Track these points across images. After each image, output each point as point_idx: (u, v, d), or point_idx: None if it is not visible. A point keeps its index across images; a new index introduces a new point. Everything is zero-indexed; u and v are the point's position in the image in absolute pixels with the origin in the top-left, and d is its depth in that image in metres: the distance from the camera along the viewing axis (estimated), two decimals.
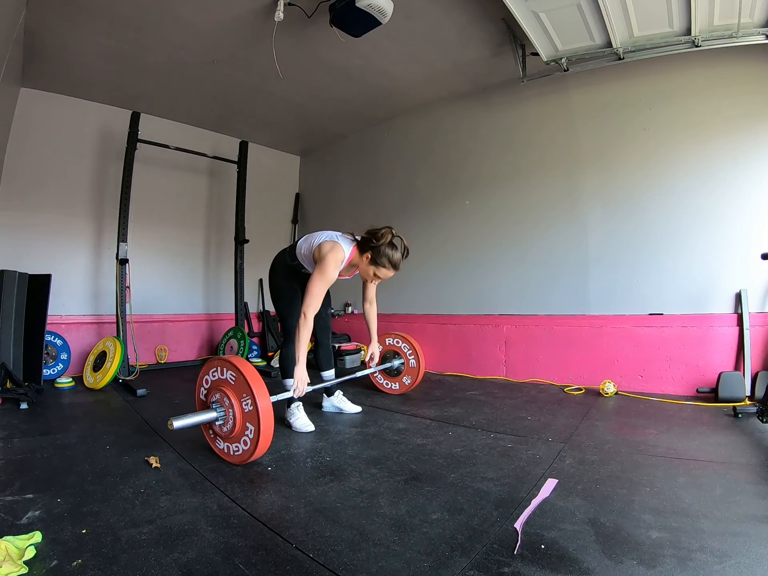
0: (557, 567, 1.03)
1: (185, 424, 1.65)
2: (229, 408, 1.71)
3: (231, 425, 1.70)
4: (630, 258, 3.07)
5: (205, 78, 3.54)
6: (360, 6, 2.41)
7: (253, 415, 1.64)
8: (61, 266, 3.64)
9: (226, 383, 1.74)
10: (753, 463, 1.67)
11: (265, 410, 1.63)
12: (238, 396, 1.69)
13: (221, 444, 1.79)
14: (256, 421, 1.62)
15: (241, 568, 1.05)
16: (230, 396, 1.70)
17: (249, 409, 1.66)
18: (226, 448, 1.77)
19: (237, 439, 1.70)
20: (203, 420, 1.72)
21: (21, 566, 1.02)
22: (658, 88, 3.00)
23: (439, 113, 4.09)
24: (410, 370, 2.88)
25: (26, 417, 2.43)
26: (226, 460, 1.77)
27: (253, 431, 1.64)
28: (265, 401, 1.65)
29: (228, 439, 1.74)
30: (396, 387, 2.94)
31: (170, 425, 1.61)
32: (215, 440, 1.83)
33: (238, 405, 1.69)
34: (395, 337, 2.97)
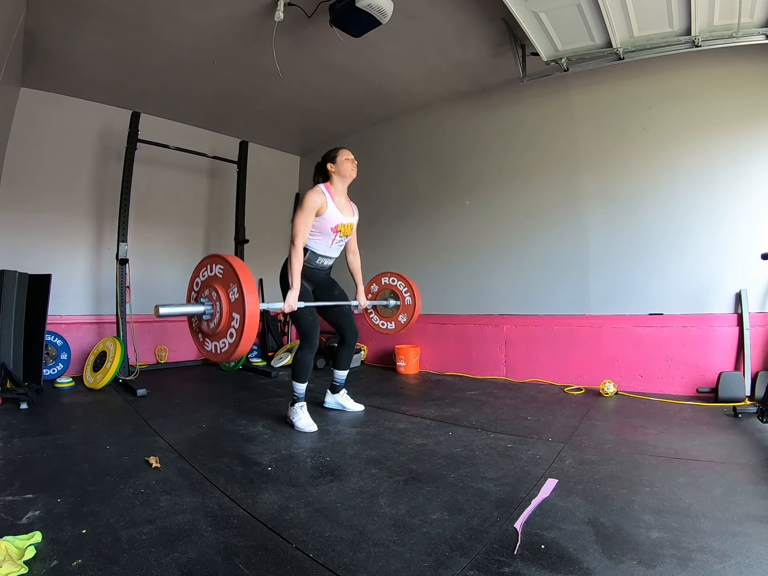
0: (557, 567, 1.03)
1: (171, 312, 1.66)
2: (216, 301, 1.70)
3: (218, 319, 1.69)
4: (630, 258, 3.07)
5: (205, 78, 3.54)
6: (360, 6, 2.41)
7: (238, 303, 1.63)
8: (61, 266, 3.64)
9: (215, 278, 1.75)
10: (753, 463, 1.67)
11: (250, 296, 1.62)
12: (225, 287, 1.69)
13: (209, 345, 1.78)
14: (241, 309, 1.61)
15: (241, 568, 1.05)
16: (218, 289, 1.71)
17: (235, 298, 1.65)
18: (213, 348, 1.76)
19: (223, 333, 1.70)
20: (190, 311, 1.73)
21: (21, 566, 1.02)
22: (658, 88, 3.00)
23: (439, 113, 4.09)
24: (406, 307, 2.83)
25: (26, 417, 2.43)
26: (214, 361, 1.77)
27: (239, 320, 1.63)
28: (252, 291, 1.64)
29: (215, 336, 1.74)
30: (392, 326, 2.88)
31: (156, 311, 1.61)
32: (203, 343, 1.82)
33: (225, 296, 1.68)
34: (390, 276, 2.92)
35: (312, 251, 2.31)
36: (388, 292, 2.91)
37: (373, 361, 4.38)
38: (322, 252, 2.34)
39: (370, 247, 4.54)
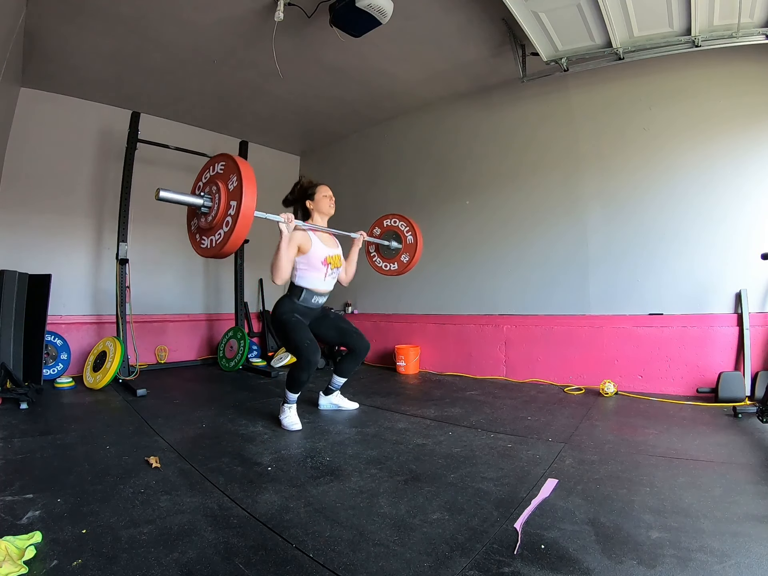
0: (557, 567, 1.03)
1: (171, 197, 1.69)
2: (215, 194, 1.74)
3: (215, 211, 1.72)
4: (630, 258, 3.07)
5: (205, 78, 3.54)
6: (360, 6, 2.41)
7: (236, 191, 1.66)
8: (61, 266, 3.64)
9: (216, 175, 1.79)
10: (753, 463, 1.67)
11: (249, 183, 1.64)
12: (225, 180, 1.73)
13: (205, 241, 1.81)
14: (239, 195, 1.64)
15: (241, 568, 1.05)
16: (218, 183, 1.74)
17: (234, 186, 1.68)
18: (209, 243, 1.78)
19: (219, 224, 1.72)
20: (190, 201, 1.77)
21: (21, 566, 1.02)
22: (658, 88, 3.00)
23: (439, 113, 4.09)
24: (408, 246, 2.83)
25: (26, 417, 2.43)
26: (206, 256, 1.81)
27: (235, 207, 1.65)
28: (250, 177, 1.66)
29: (211, 231, 1.77)
30: (394, 267, 2.89)
31: (157, 193, 1.64)
32: (200, 241, 1.85)
33: (224, 188, 1.72)
34: (392, 218, 2.94)
35: (307, 289, 2.31)
36: (391, 234, 2.91)
37: (373, 361, 4.38)
38: (316, 288, 2.33)
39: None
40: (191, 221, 1.93)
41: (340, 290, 4.72)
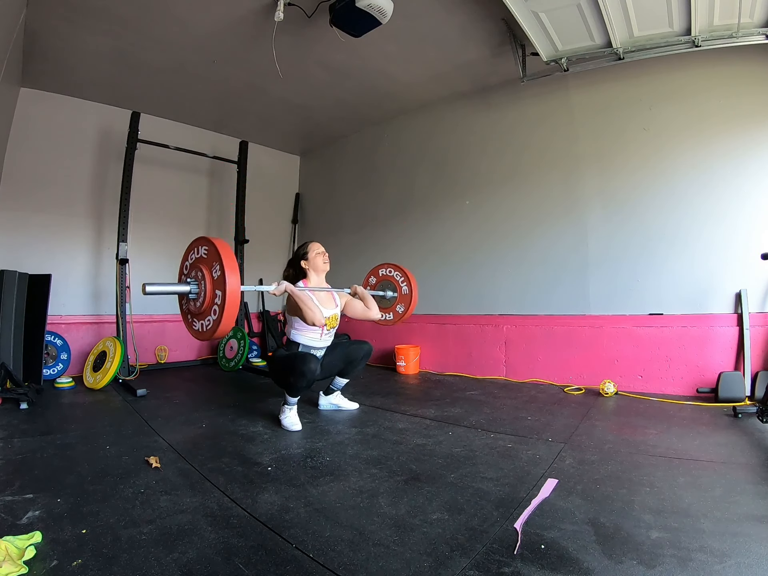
0: (557, 567, 1.03)
1: (158, 290, 1.72)
2: (201, 280, 1.77)
3: (203, 298, 1.76)
4: (630, 258, 3.07)
5: (205, 78, 3.54)
6: (360, 6, 2.41)
7: (220, 280, 1.69)
8: (61, 266, 3.64)
9: (201, 259, 1.82)
10: (753, 463, 1.67)
11: (231, 273, 1.67)
12: (209, 266, 1.77)
13: (196, 324, 1.84)
14: (222, 285, 1.68)
15: (241, 568, 1.05)
16: (203, 269, 1.78)
17: (217, 275, 1.71)
18: (200, 327, 1.82)
19: (208, 311, 1.76)
20: (176, 290, 1.80)
21: (21, 566, 1.02)
22: (658, 88, 3.00)
23: (439, 113, 4.09)
24: (403, 297, 2.85)
25: (26, 417, 2.43)
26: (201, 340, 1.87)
27: (221, 297, 1.68)
28: (232, 265, 1.70)
29: (201, 315, 1.80)
30: (390, 317, 2.90)
31: (143, 289, 1.66)
32: (192, 323, 1.88)
33: (209, 275, 1.76)
34: (387, 267, 2.95)
35: (303, 345, 2.35)
36: (386, 284, 2.92)
37: (373, 361, 4.37)
38: (313, 345, 2.37)
39: (370, 246, 4.55)
40: (182, 301, 1.96)
41: None
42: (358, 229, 4.71)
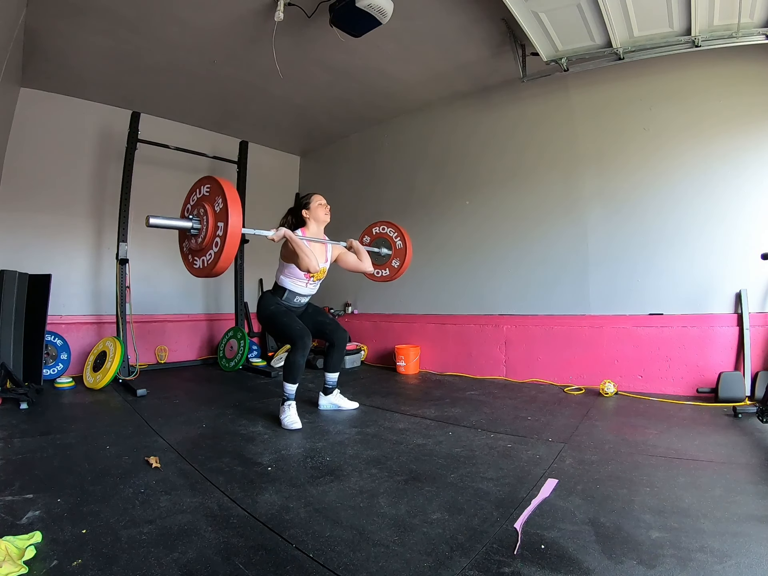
0: (557, 567, 1.03)
1: (161, 223, 1.75)
2: (203, 216, 1.80)
3: (204, 233, 1.78)
4: (630, 258, 3.07)
5: (205, 78, 3.54)
6: (360, 6, 2.41)
7: (223, 212, 1.71)
8: (61, 266, 3.64)
9: (203, 197, 1.85)
10: (753, 463, 1.67)
11: (233, 204, 1.70)
12: (212, 202, 1.79)
13: (197, 262, 1.86)
14: (225, 216, 1.69)
15: (241, 568, 1.05)
16: (205, 205, 1.80)
17: (220, 208, 1.73)
18: (201, 263, 1.84)
19: (209, 245, 1.77)
20: (178, 225, 1.83)
21: (21, 566, 1.02)
22: (658, 88, 3.00)
23: (439, 113, 4.09)
24: (398, 252, 2.88)
25: (26, 417, 2.43)
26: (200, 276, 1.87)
27: (223, 228, 1.70)
28: (235, 198, 1.72)
29: (202, 251, 1.82)
30: (386, 272, 2.92)
31: (147, 220, 1.70)
32: (192, 262, 1.90)
33: (211, 210, 1.78)
34: (380, 225, 2.99)
35: (289, 290, 2.43)
36: (380, 241, 2.94)
37: (373, 361, 4.38)
38: (298, 291, 2.45)
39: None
40: (183, 243, 1.98)
41: (340, 291, 4.75)
42: (359, 229, 4.70)
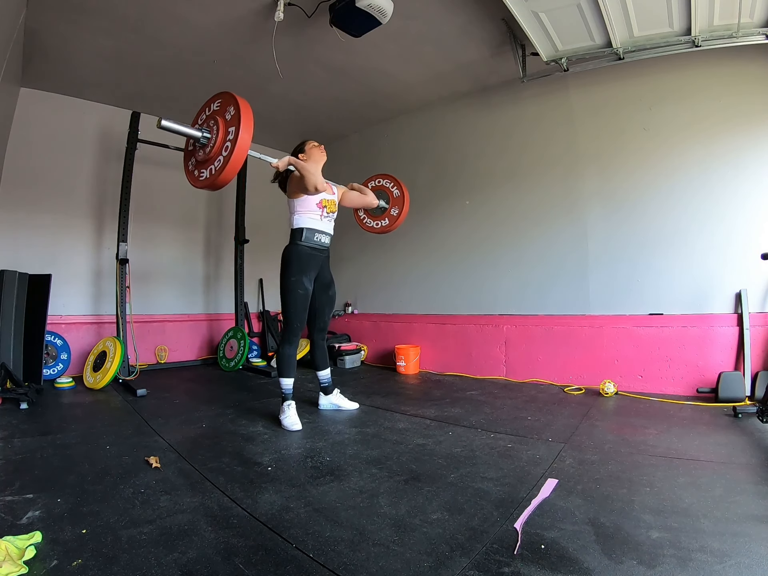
0: (557, 567, 1.03)
1: (172, 127, 1.77)
2: (213, 126, 1.83)
3: (213, 141, 1.81)
4: (630, 258, 3.07)
5: (205, 78, 3.54)
6: (360, 6, 2.41)
7: (234, 119, 1.74)
8: (61, 266, 3.64)
9: (214, 112, 1.89)
10: (753, 463, 1.67)
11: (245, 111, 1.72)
12: (223, 113, 1.83)
13: (204, 173, 1.88)
14: (237, 121, 1.72)
15: (241, 568, 1.05)
16: (216, 117, 1.84)
17: (231, 115, 1.77)
18: (208, 173, 1.85)
19: (218, 153, 1.79)
20: (190, 132, 1.85)
21: (21, 566, 1.02)
22: (658, 88, 3.00)
23: (439, 113, 4.09)
24: (396, 200, 2.89)
25: (26, 417, 2.43)
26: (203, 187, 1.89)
27: (234, 132, 1.72)
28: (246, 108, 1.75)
29: (209, 161, 1.84)
30: (386, 222, 2.95)
31: (158, 122, 1.73)
32: (199, 175, 1.92)
33: (222, 120, 1.81)
34: (376, 179, 3.02)
35: (307, 228, 2.39)
36: (378, 193, 2.96)
37: (373, 361, 4.38)
38: (316, 227, 2.42)
39: (371, 246, 4.55)
40: (188, 161, 2.01)
41: (340, 291, 4.72)
42: (359, 228, 4.71)
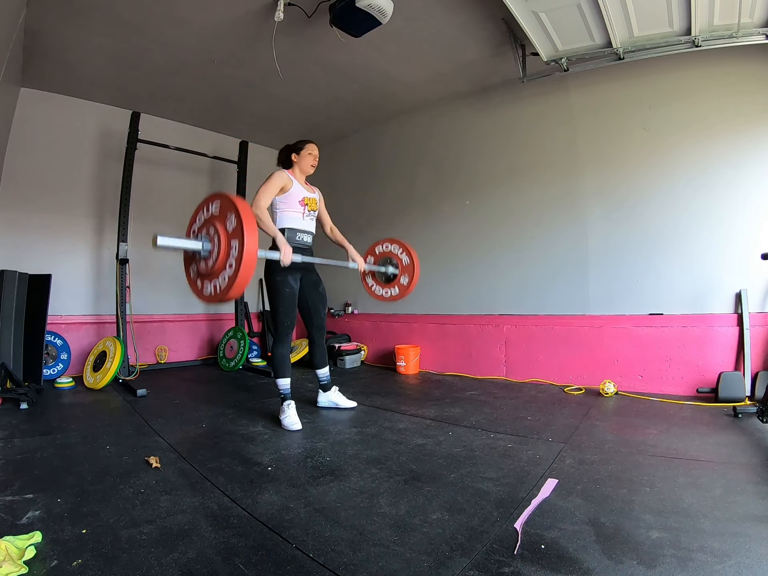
0: (557, 567, 1.03)
1: (169, 244, 1.62)
2: (214, 236, 1.66)
3: (216, 254, 1.64)
4: (630, 258, 3.06)
5: (205, 78, 3.54)
6: (360, 6, 2.41)
7: (237, 230, 1.58)
8: (61, 266, 3.64)
9: (212, 217, 1.70)
10: (753, 463, 1.67)
11: (248, 221, 1.57)
12: (223, 220, 1.64)
13: (208, 287, 1.72)
14: (240, 234, 1.56)
15: (241, 568, 1.05)
16: (216, 224, 1.66)
17: (233, 226, 1.60)
18: (213, 288, 1.70)
19: (222, 266, 1.64)
20: (189, 246, 1.70)
21: (21, 566, 1.02)
22: (658, 88, 3.00)
23: (439, 113, 4.09)
24: (405, 268, 2.73)
25: (26, 417, 2.43)
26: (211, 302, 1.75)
27: (237, 247, 1.57)
28: (248, 214, 1.60)
29: (213, 275, 1.68)
30: (395, 291, 2.79)
31: (154, 240, 1.58)
32: (203, 287, 1.76)
33: (222, 229, 1.64)
34: (383, 243, 2.87)
35: (288, 228, 2.38)
36: (386, 260, 2.87)
37: (373, 361, 4.38)
38: (297, 226, 2.42)
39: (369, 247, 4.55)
40: (189, 267, 1.84)
41: (341, 291, 4.74)
42: (359, 228, 4.70)
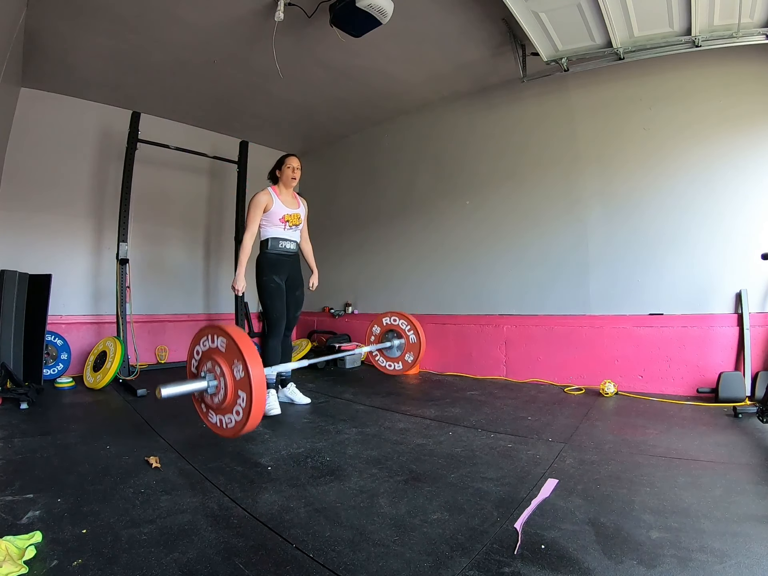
0: (557, 567, 1.03)
1: (174, 393, 1.60)
2: (220, 376, 1.65)
3: (222, 395, 1.64)
4: (630, 258, 3.06)
5: (205, 78, 3.54)
6: (360, 6, 2.41)
7: (244, 382, 1.57)
8: (61, 266, 3.64)
9: (217, 351, 1.68)
10: (753, 463, 1.67)
11: (257, 377, 1.56)
12: (229, 363, 1.62)
13: (214, 418, 1.72)
14: (248, 388, 1.55)
15: (241, 568, 1.05)
16: (221, 364, 1.64)
17: (240, 376, 1.59)
18: (219, 422, 1.70)
19: (229, 409, 1.64)
20: (193, 389, 1.67)
21: (21, 566, 1.02)
22: (658, 88, 3.00)
23: (439, 113, 4.09)
24: (411, 346, 2.74)
25: (26, 417, 2.43)
26: (219, 435, 1.73)
27: (245, 399, 1.57)
28: (258, 368, 1.58)
29: (220, 411, 1.68)
30: (399, 366, 2.79)
31: (158, 393, 1.57)
32: (207, 414, 1.75)
33: (229, 373, 1.62)
34: (392, 316, 2.87)
35: (272, 238, 2.61)
36: (392, 333, 2.85)
37: None
38: (280, 236, 2.62)
39: (371, 246, 4.56)
40: (199, 402, 1.86)
41: (341, 291, 4.75)
42: (359, 229, 4.72)
